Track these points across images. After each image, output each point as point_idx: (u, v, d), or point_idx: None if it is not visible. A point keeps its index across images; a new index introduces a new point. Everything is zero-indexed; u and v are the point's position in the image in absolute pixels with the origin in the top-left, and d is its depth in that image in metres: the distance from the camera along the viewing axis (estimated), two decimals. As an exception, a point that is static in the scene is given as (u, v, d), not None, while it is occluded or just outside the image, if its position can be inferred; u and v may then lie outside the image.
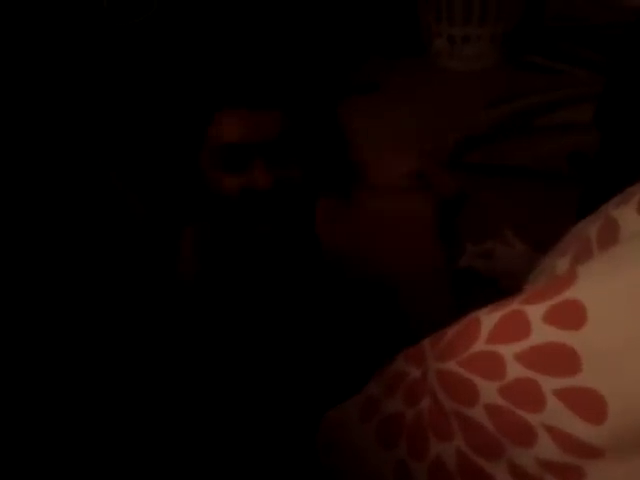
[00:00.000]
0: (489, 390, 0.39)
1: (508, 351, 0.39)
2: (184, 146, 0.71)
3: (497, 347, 0.39)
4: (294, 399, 0.60)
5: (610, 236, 0.43)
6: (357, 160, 0.89)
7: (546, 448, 0.38)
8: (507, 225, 1.08)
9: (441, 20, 1.63)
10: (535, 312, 0.39)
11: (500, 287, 1.03)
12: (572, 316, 0.37)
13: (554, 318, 0.38)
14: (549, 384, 0.37)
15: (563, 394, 0.37)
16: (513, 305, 0.40)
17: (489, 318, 0.40)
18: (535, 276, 0.50)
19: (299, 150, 0.73)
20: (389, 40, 1.65)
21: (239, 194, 0.70)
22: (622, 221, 0.43)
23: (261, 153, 0.70)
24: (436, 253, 0.99)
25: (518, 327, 0.39)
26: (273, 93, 0.71)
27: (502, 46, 1.67)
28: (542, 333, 0.38)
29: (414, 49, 1.65)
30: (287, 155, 0.71)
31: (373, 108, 1.40)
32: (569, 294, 0.38)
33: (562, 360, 0.37)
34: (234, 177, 0.70)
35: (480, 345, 0.40)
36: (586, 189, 1.06)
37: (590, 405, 0.36)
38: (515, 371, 0.38)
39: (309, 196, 0.76)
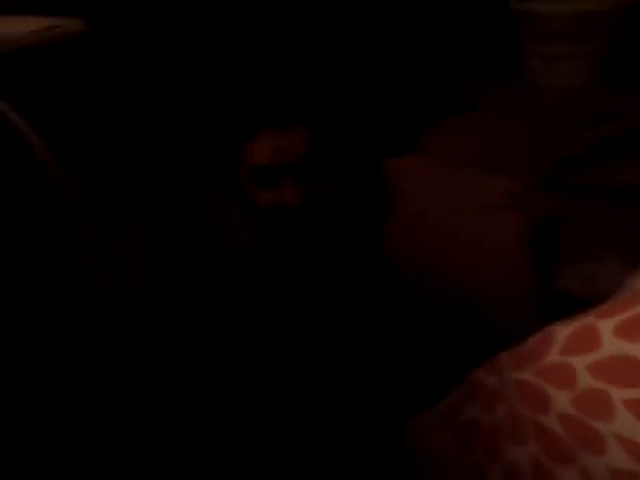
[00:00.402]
0: (562, 399, 0.41)
1: (580, 362, 0.40)
2: (227, 162, 0.77)
3: (570, 358, 0.41)
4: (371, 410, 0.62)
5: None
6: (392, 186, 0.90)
7: (616, 456, 0.39)
8: (608, 247, 1.05)
9: (537, 39, 1.61)
10: (606, 326, 0.40)
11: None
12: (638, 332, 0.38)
13: (624, 331, 0.39)
14: (619, 395, 0.39)
15: (633, 405, 0.38)
16: (587, 319, 0.42)
17: (563, 330, 0.42)
18: (619, 294, 0.51)
19: (327, 168, 0.77)
20: (485, 60, 1.66)
21: (270, 209, 0.75)
22: None
23: (291, 171, 0.74)
24: (528, 274, 0.98)
25: (589, 339, 0.40)
26: (304, 112, 0.75)
27: (602, 64, 1.63)
28: (612, 346, 0.39)
29: (510, 68, 1.65)
30: (315, 173, 0.75)
31: (469, 127, 1.41)
32: (636, 312, 0.39)
33: (631, 372, 0.38)
34: (266, 193, 0.75)
35: (554, 356, 0.41)
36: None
37: None
38: (586, 381, 0.40)
39: (340, 213, 0.79)
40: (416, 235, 0.91)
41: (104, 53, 0.49)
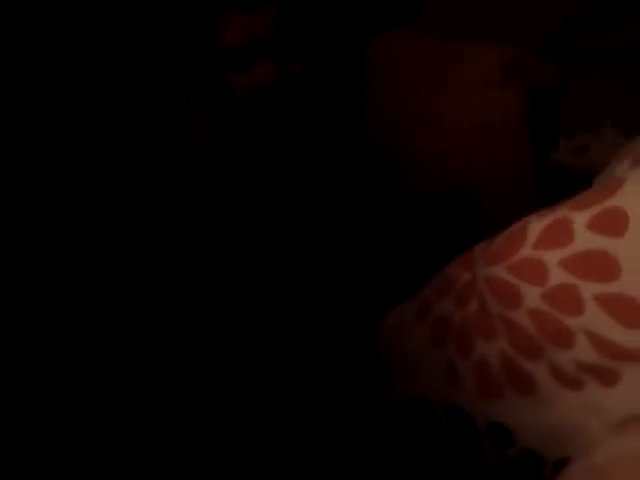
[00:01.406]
0: (533, 295, 0.40)
1: (552, 257, 0.39)
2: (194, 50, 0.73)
3: (542, 253, 0.40)
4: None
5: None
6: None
7: (584, 350, 0.39)
8: (606, 117, 1.01)
9: None
10: (580, 219, 0.38)
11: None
12: (614, 223, 0.37)
13: (597, 225, 0.37)
14: (589, 290, 0.38)
15: (602, 299, 0.38)
16: (561, 211, 0.40)
17: (537, 224, 0.41)
18: (601, 177, 0.48)
19: (301, 42, 0.73)
20: None
21: (248, 92, 0.72)
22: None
23: (263, 51, 0.71)
24: (524, 150, 0.95)
25: (563, 233, 0.39)
26: None
27: None
28: (585, 240, 0.38)
29: None
30: (289, 50, 0.72)
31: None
32: (613, 201, 0.37)
33: (602, 266, 0.37)
34: (242, 77, 0.72)
35: (526, 251, 0.40)
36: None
37: (627, 310, 0.37)
38: (557, 276, 0.39)
39: (319, 92, 0.76)
40: (400, 117, 0.87)
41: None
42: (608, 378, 0.40)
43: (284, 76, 0.72)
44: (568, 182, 1.02)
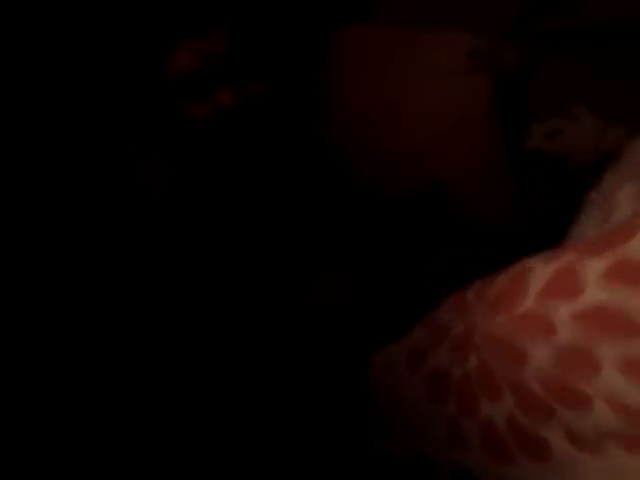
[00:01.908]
0: (539, 353, 0.36)
1: (560, 311, 0.35)
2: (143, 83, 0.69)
3: (548, 306, 0.36)
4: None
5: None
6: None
7: (603, 415, 0.35)
8: (577, 99, 0.99)
9: None
10: (592, 268, 0.34)
11: (570, 167, 0.96)
12: (633, 275, 0.33)
13: (613, 277, 0.34)
14: (606, 350, 0.34)
15: (622, 362, 0.34)
16: (568, 257, 0.36)
17: (541, 271, 0.37)
18: (595, 197, 0.45)
19: (259, 62, 0.70)
20: None
21: (210, 119, 0.69)
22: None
23: (221, 74, 0.69)
24: (496, 139, 0.92)
25: (572, 284, 0.35)
26: (219, 11, 0.67)
27: None
28: (599, 293, 0.34)
29: None
30: (246, 69, 0.69)
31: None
32: (630, 249, 0.33)
33: (620, 324, 0.34)
34: (200, 104, 0.69)
35: (530, 302, 0.37)
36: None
37: None
38: (567, 333, 0.35)
39: (282, 109, 0.72)
40: (366, 115, 0.84)
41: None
42: (634, 443, 0.36)
43: (246, 98, 0.68)
44: (544, 167, 1.00)
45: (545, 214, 0.86)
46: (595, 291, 0.34)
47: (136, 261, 0.62)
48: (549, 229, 0.83)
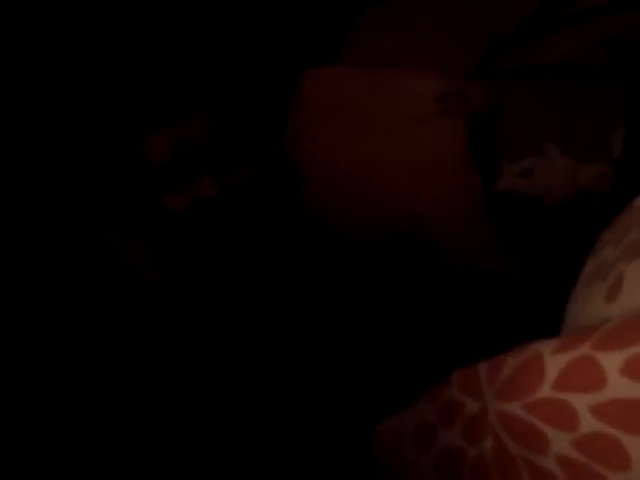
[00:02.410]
0: (560, 440, 0.35)
1: (580, 401, 0.34)
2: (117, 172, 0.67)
3: (566, 396, 0.35)
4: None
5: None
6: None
7: None
8: (546, 136, 1.00)
9: None
10: (610, 361, 0.34)
11: (545, 205, 0.97)
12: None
13: (633, 371, 0.33)
14: (635, 443, 0.33)
15: None
16: (582, 349, 0.35)
17: (554, 360, 0.36)
18: (595, 272, 0.44)
19: (240, 148, 0.69)
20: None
21: (189, 210, 0.68)
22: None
23: (199, 162, 0.67)
24: (472, 180, 0.93)
25: (590, 376, 0.34)
26: (195, 99, 0.66)
27: None
28: (621, 387, 0.33)
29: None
30: (227, 156, 0.67)
31: (386, 19, 1.27)
32: None
33: None
34: (179, 195, 0.67)
35: (546, 390, 0.35)
36: (632, 82, 0.96)
37: None
38: (590, 424, 0.34)
39: (266, 190, 0.72)
40: (339, 163, 0.83)
41: None
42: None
43: (228, 186, 0.67)
44: (518, 207, 1.01)
45: (526, 254, 0.87)
46: (617, 385, 0.33)
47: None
48: (533, 274, 0.83)
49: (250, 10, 0.78)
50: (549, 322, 0.47)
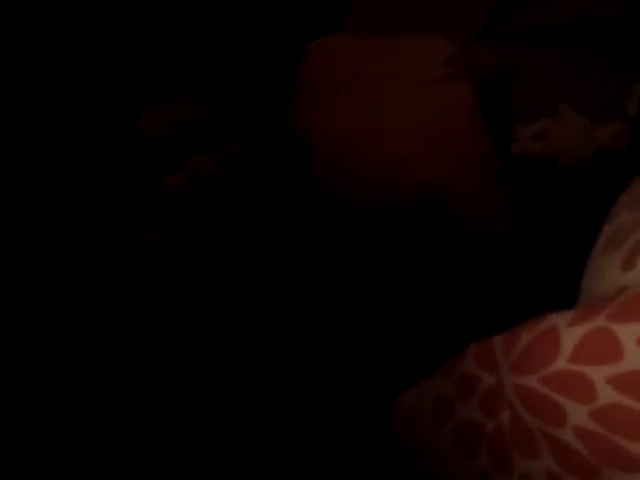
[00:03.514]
0: (578, 412, 0.35)
1: (597, 373, 0.34)
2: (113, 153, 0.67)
3: (583, 368, 0.34)
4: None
5: None
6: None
7: None
8: (560, 97, 0.97)
9: None
10: (627, 333, 0.33)
11: (560, 166, 0.95)
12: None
13: None
14: None
15: None
16: (598, 321, 0.34)
17: (570, 333, 0.35)
18: (611, 240, 0.43)
19: (232, 123, 0.67)
20: None
21: (186, 188, 0.67)
22: None
23: (195, 140, 0.66)
24: (484, 146, 0.91)
25: (608, 348, 0.34)
26: (187, 78, 0.65)
27: None
28: (638, 358, 0.33)
29: None
30: (220, 132, 0.66)
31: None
32: None
33: None
34: (176, 175, 0.67)
35: (562, 363, 0.35)
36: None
37: None
38: (608, 396, 0.34)
39: (263, 163, 0.71)
40: (346, 133, 0.81)
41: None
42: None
43: (225, 161, 0.66)
44: (533, 169, 0.99)
45: (542, 221, 0.85)
46: (634, 357, 0.33)
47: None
48: (549, 241, 0.82)
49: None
50: (565, 291, 0.46)
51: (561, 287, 0.47)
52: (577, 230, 0.64)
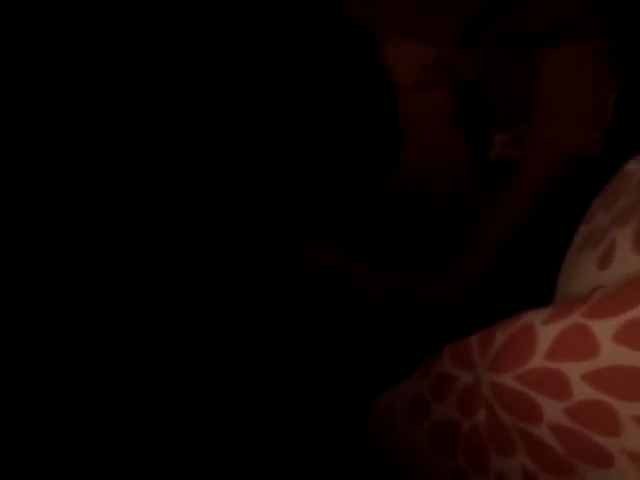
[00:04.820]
0: (553, 409, 0.35)
1: (572, 370, 0.34)
2: None
3: (559, 365, 0.35)
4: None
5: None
6: None
7: (626, 472, 0.34)
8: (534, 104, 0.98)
9: None
10: (603, 329, 0.33)
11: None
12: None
13: (627, 339, 0.33)
14: (626, 410, 0.33)
15: None
16: (574, 318, 0.35)
17: (546, 330, 0.35)
18: (587, 239, 0.43)
19: None
20: None
21: None
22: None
23: None
24: (462, 151, 0.92)
25: (583, 345, 0.34)
26: None
27: None
28: (613, 355, 0.33)
29: None
30: None
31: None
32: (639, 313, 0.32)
33: (637, 384, 0.33)
34: None
35: (538, 360, 0.35)
36: (625, 45, 0.95)
37: None
38: (583, 392, 0.34)
39: None
40: None
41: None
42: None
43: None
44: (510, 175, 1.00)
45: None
46: (610, 353, 0.33)
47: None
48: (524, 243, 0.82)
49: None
50: (541, 291, 0.46)
51: (537, 286, 0.47)
52: (553, 231, 0.65)
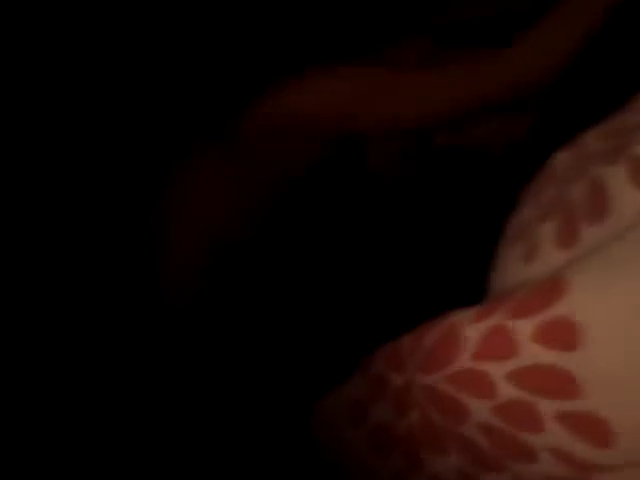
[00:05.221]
0: (481, 409, 0.36)
1: (496, 370, 0.35)
2: None
3: (484, 365, 0.35)
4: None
5: (597, 209, 0.37)
6: None
7: (550, 465, 0.35)
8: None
9: None
10: (522, 329, 0.34)
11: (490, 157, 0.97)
12: (563, 336, 0.32)
13: (544, 338, 0.33)
14: (546, 407, 0.34)
15: (563, 418, 0.34)
16: (497, 317, 0.35)
17: (472, 330, 0.36)
18: (515, 233, 0.44)
19: None
20: None
21: None
22: (612, 190, 0.37)
23: None
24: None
25: (505, 345, 0.34)
26: None
27: None
28: (532, 354, 0.33)
29: None
30: None
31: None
32: (560, 309, 0.32)
33: (558, 383, 0.33)
34: None
35: (464, 361, 0.35)
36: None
37: (594, 429, 0.33)
38: (507, 391, 0.35)
39: None
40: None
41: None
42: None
43: None
44: (458, 161, 1.00)
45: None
46: (528, 353, 0.34)
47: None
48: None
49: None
50: (475, 288, 0.46)
51: (470, 283, 0.47)
52: (486, 224, 0.65)
